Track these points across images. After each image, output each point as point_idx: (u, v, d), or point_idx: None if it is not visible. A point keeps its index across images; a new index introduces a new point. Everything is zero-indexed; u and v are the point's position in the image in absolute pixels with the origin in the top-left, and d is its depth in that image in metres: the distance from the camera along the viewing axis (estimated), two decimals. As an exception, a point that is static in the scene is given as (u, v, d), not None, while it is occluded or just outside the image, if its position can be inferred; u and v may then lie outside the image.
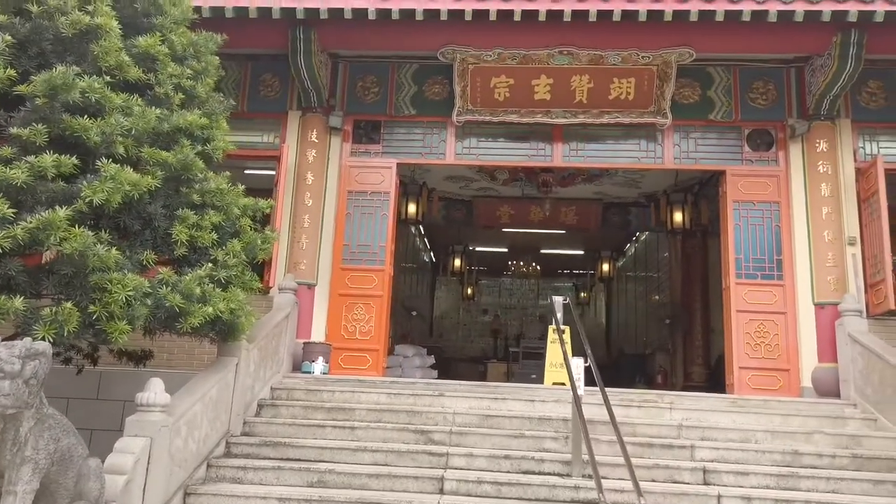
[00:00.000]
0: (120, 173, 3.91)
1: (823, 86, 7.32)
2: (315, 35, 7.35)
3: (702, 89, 7.98)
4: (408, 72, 8.21)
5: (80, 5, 4.12)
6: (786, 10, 6.56)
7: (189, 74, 5.01)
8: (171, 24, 5.02)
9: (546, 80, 7.83)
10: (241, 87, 8.25)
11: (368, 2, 6.80)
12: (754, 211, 7.70)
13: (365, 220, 7.98)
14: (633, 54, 7.54)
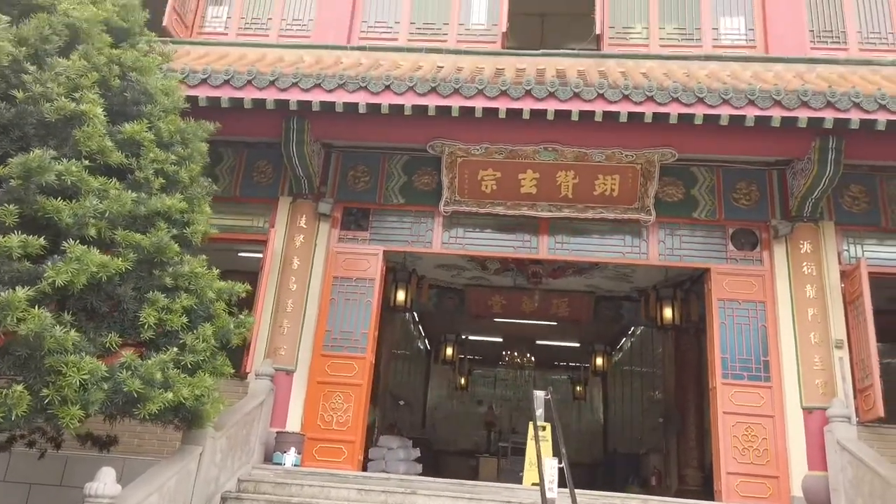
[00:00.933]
0: (86, 255, 3.93)
1: (805, 189, 7.43)
2: (308, 126, 7.58)
3: (686, 188, 8.11)
4: (398, 162, 8.41)
5: (67, 93, 4.27)
6: (763, 116, 6.75)
7: (173, 160, 5.13)
8: (160, 112, 5.19)
9: (532, 175, 7.99)
10: (236, 172, 8.44)
11: (359, 96, 7.04)
12: (740, 310, 7.65)
13: (349, 307, 7.95)
14: (616, 153, 7.71)
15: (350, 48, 8.78)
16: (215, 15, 9.59)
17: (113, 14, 5.12)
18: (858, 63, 8.24)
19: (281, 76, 7.04)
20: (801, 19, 8.89)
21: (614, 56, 8.51)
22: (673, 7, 9.21)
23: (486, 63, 8.26)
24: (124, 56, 4.98)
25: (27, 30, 4.29)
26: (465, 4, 9.42)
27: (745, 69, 8.09)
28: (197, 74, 6.98)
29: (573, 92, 6.93)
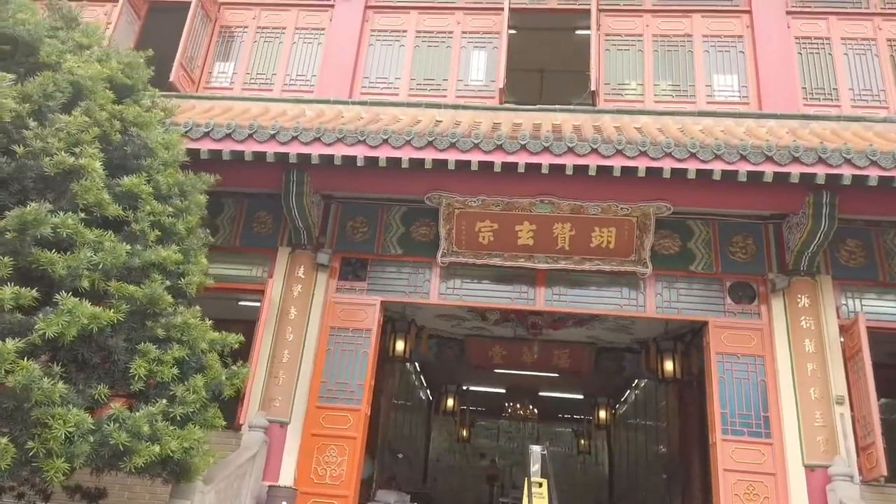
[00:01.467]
0: (78, 306, 3.98)
1: (800, 243, 7.45)
2: (308, 178, 7.71)
3: (682, 241, 8.15)
4: (396, 213, 8.51)
5: (67, 147, 4.39)
6: (755, 171, 6.82)
7: (170, 212, 5.22)
8: (159, 165, 5.31)
9: (529, 227, 8.05)
10: (237, 222, 8.55)
11: (358, 150, 7.18)
12: (739, 364, 7.58)
13: (345, 358, 7.93)
14: (612, 205, 7.78)
15: (351, 103, 9.00)
16: (221, 70, 9.87)
17: (117, 71, 5.30)
18: (851, 119, 8.37)
19: (281, 130, 7.21)
20: (793, 77, 9.07)
21: (610, 111, 8.68)
22: (667, 65, 9.43)
23: (483, 118, 8.44)
24: (126, 111, 5.13)
25: (31, 87, 4.45)
26: (465, 62, 9.68)
27: (739, 125, 8.23)
28: (200, 128, 7.15)
29: (567, 146, 7.04)
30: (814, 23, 9.55)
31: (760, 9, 9.54)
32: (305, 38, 10.01)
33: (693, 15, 9.69)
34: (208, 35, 9.91)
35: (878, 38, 9.36)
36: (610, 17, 9.76)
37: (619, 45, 9.64)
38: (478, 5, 10.03)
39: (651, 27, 9.66)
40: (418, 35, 9.90)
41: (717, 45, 9.52)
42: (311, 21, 10.10)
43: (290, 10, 10.19)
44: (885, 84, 9.07)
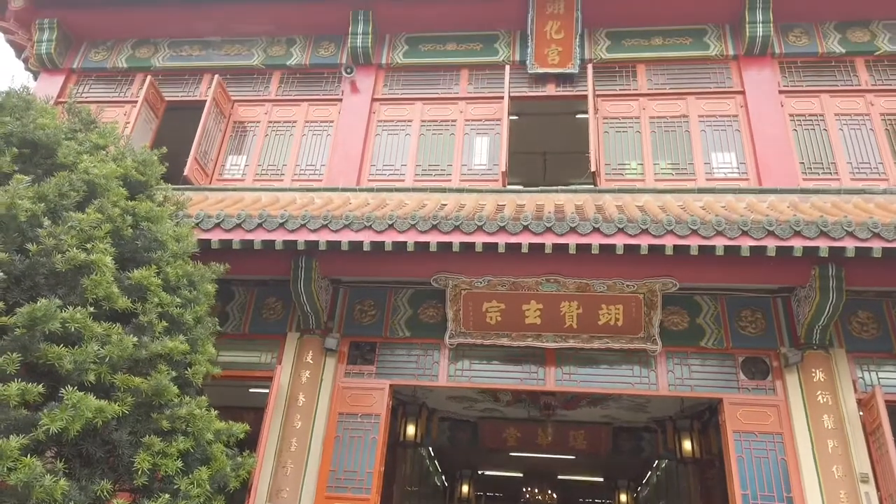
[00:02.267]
0: (83, 401, 4.01)
1: (810, 316, 7.40)
2: (316, 264, 7.85)
3: (690, 317, 8.11)
4: (404, 296, 8.58)
5: (79, 244, 4.55)
6: (758, 246, 6.87)
7: (178, 303, 5.32)
8: (169, 257, 5.46)
9: (536, 306, 8.07)
10: (246, 309, 8.65)
11: (364, 235, 7.34)
12: (757, 442, 7.38)
13: (354, 444, 7.81)
14: (618, 283, 7.81)
15: (359, 189, 9.27)
16: (234, 163, 10.24)
17: (131, 169, 5.54)
18: (851, 192, 8.46)
19: (290, 218, 7.41)
20: (790, 153, 9.25)
21: (611, 191, 8.85)
22: (665, 144, 9.67)
23: (487, 200, 8.63)
24: (139, 207, 5.33)
25: (47, 187, 4.66)
26: (468, 148, 9.98)
27: (740, 200, 8.34)
28: (211, 219, 7.37)
29: (570, 226, 7.16)
30: (807, 100, 9.81)
31: (753, 89, 9.85)
32: (315, 130, 10.41)
33: (687, 97, 10.01)
34: (222, 130, 10.34)
35: (871, 113, 9.58)
36: (607, 102, 10.11)
37: (617, 127, 9.92)
38: (479, 95, 10.44)
39: (647, 109, 9.98)
40: (423, 124, 10.28)
41: (713, 124, 9.78)
42: (321, 114, 10.54)
43: (301, 105, 10.65)
44: (883, 157, 9.21)
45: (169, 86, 10.99)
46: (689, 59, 10.34)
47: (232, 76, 10.93)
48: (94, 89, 11.20)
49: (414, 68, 10.79)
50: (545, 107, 10.93)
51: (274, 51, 11.08)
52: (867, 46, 10.00)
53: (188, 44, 11.30)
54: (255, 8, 10.82)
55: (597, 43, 10.58)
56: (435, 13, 10.65)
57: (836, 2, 9.98)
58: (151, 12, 11.02)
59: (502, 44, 10.74)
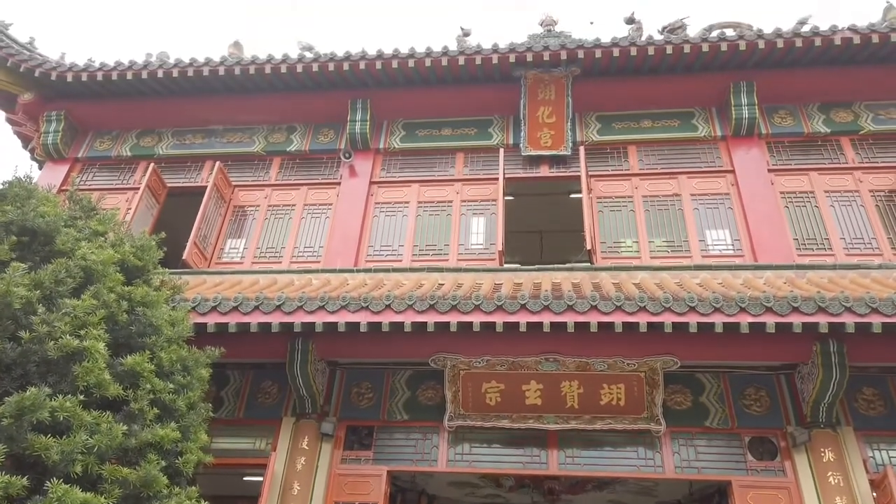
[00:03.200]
0: (68, 494, 3.88)
1: (815, 393, 7.28)
2: (312, 346, 7.78)
3: (693, 395, 7.97)
4: (402, 377, 8.46)
5: (72, 330, 4.52)
6: (756, 322, 6.84)
7: (171, 389, 5.24)
8: (164, 342, 5.42)
9: (536, 386, 7.95)
10: (241, 394, 8.51)
11: (361, 316, 7.31)
12: (770, 528, 7.09)
13: (350, 536, 7.50)
14: (618, 361, 7.72)
15: (357, 271, 9.32)
16: (233, 246, 10.34)
17: (129, 255, 5.59)
18: (847, 268, 8.52)
19: (287, 300, 7.40)
20: (783, 229, 9.36)
21: (607, 268, 8.90)
22: (659, 222, 9.80)
23: (485, 279, 8.66)
24: (134, 292, 5.33)
25: (44, 274, 4.69)
26: (465, 228, 10.12)
27: (736, 277, 8.38)
28: (208, 302, 7.36)
29: (567, 304, 7.15)
30: (796, 178, 10.03)
31: (743, 168, 10.08)
32: (314, 213, 10.58)
33: (679, 176, 10.23)
34: (222, 215, 10.50)
35: (860, 190, 9.76)
36: (600, 181, 10.32)
37: (611, 206, 10.09)
38: (475, 176, 10.67)
39: (640, 189, 10.17)
40: (420, 205, 10.45)
41: (705, 202, 9.95)
42: (320, 197, 10.74)
43: (300, 189, 10.87)
44: (875, 232, 9.32)
45: (171, 172, 11.24)
46: (679, 141, 10.64)
47: (233, 162, 11.20)
48: (97, 177, 11.45)
49: (411, 152, 11.08)
50: (540, 187, 11.15)
51: (275, 138, 11.41)
52: (851, 126, 10.31)
53: (191, 132, 11.64)
54: (258, 99, 11.22)
55: (588, 126, 10.91)
56: (430, 101, 11.04)
57: (818, 85, 10.36)
58: (157, 104, 11.42)
59: (496, 128, 11.07)
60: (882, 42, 9.66)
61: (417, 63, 10.48)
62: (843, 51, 9.86)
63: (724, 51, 9.95)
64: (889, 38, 9.64)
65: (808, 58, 10.09)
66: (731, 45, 9.91)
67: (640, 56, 10.12)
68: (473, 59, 10.37)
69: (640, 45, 10.05)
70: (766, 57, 10.09)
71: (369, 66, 10.57)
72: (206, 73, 10.73)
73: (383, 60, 10.52)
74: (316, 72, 10.65)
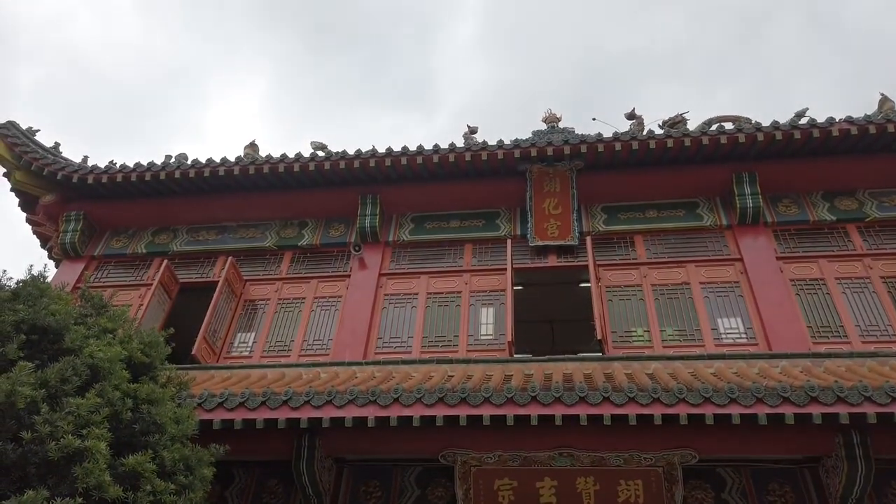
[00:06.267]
0: None
1: (841, 488, 6.95)
2: (319, 442, 7.60)
3: (715, 492, 7.65)
4: (411, 475, 8.20)
5: (75, 429, 4.47)
6: (775, 414, 6.64)
7: (173, 490, 5.10)
8: (167, 440, 5.33)
9: (550, 483, 7.65)
10: (246, 494, 8.25)
11: (369, 410, 7.17)
12: None
13: None
14: (634, 455, 7.45)
15: (365, 363, 9.24)
16: (242, 340, 10.35)
17: (137, 351, 5.60)
18: (864, 356, 8.34)
19: (294, 395, 7.30)
20: (796, 317, 9.26)
21: (619, 358, 8.77)
22: (670, 311, 9.73)
23: (494, 371, 8.54)
24: (140, 389, 5.30)
25: (50, 373, 4.69)
26: (474, 318, 10.09)
27: (751, 366, 8.20)
28: (215, 398, 7.27)
29: (579, 396, 6.99)
30: (805, 266, 10.01)
31: (750, 256, 10.09)
32: (323, 305, 10.63)
33: (687, 265, 10.25)
34: (232, 309, 10.57)
35: (871, 276, 9.71)
36: (608, 271, 10.35)
37: (620, 294, 10.07)
38: (484, 267, 10.76)
39: (649, 277, 10.18)
40: (429, 296, 10.48)
41: (715, 290, 9.91)
42: (330, 290, 10.82)
43: (310, 282, 10.98)
44: (890, 319, 9.18)
45: (184, 268, 11.42)
46: (685, 230, 10.73)
47: (245, 257, 11.38)
48: (112, 274, 11.65)
49: (419, 244, 11.24)
50: (549, 277, 11.18)
51: (286, 233, 11.64)
52: (856, 213, 10.39)
53: (205, 228, 11.91)
54: (271, 196, 11.55)
55: (594, 216, 11.07)
56: (438, 195, 11.30)
57: (820, 174, 10.53)
58: (173, 203, 11.76)
59: (503, 220, 11.25)
60: (879, 133, 9.89)
61: (426, 159, 10.81)
62: (841, 141, 10.08)
63: (724, 143, 10.20)
64: (886, 129, 9.88)
65: (807, 148, 10.32)
66: (730, 137, 10.18)
67: (642, 149, 10.39)
68: (480, 154, 10.70)
69: (641, 140, 10.35)
70: (766, 148, 10.32)
71: (379, 164, 10.91)
72: (222, 172, 11.10)
73: (392, 158, 10.87)
74: (327, 170, 11.00)
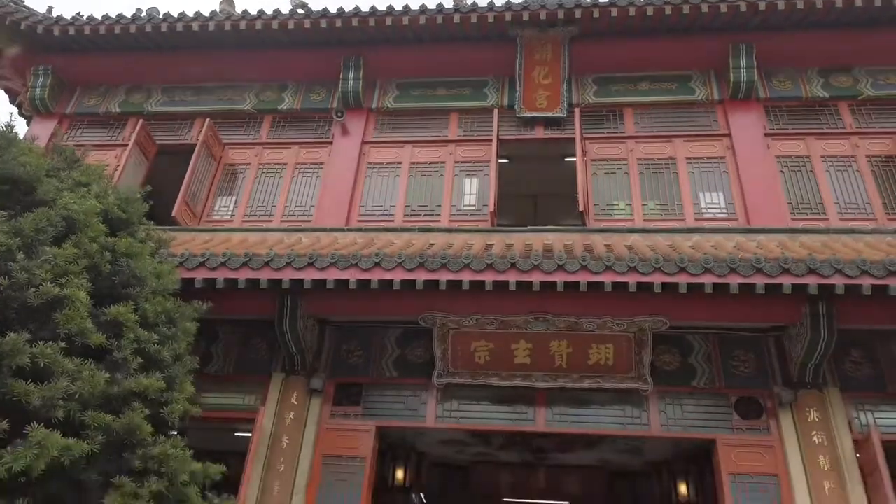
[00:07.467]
0: (49, 438, 3.89)
1: (802, 355, 7.30)
2: (301, 303, 7.77)
3: (682, 356, 8.01)
4: (391, 336, 8.47)
5: (53, 278, 4.48)
6: (746, 283, 6.82)
7: (156, 340, 5.22)
8: (148, 293, 5.39)
9: (525, 345, 7.97)
10: (231, 350, 8.52)
11: (350, 273, 7.28)
12: (752, 484, 7.18)
13: (338, 488, 7.58)
14: (608, 321, 7.72)
15: (347, 230, 9.26)
16: (223, 204, 10.26)
17: (113, 206, 5.52)
18: (840, 232, 8.48)
19: (275, 257, 7.36)
20: (778, 193, 9.30)
21: (600, 230, 8.86)
22: (654, 185, 9.72)
23: (476, 240, 8.62)
24: (118, 243, 5.28)
25: (24, 222, 4.63)
26: (457, 189, 10.03)
27: (729, 240, 8.34)
28: (196, 258, 7.32)
29: (557, 264, 7.11)
30: (793, 143, 9.92)
31: (739, 132, 9.96)
32: (305, 172, 10.48)
33: (675, 139, 10.12)
34: (212, 173, 10.39)
35: (857, 155, 9.67)
36: (595, 144, 10.21)
37: (605, 168, 10.00)
38: (469, 138, 10.55)
39: (635, 151, 10.07)
40: (413, 166, 10.35)
41: (700, 165, 9.86)
42: (311, 157, 10.62)
43: (291, 148, 10.75)
44: (870, 197, 9.25)
45: (161, 130, 11.09)
46: (676, 104, 10.50)
47: (224, 120, 11.04)
48: (86, 133, 11.30)
49: (404, 112, 10.93)
50: (534, 149, 11.02)
51: (266, 96, 11.24)
52: (850, 91, 10.18)
53: (181, 89, 11.46)
54: (249, 56, 11.02)
55: (584, 88, 10.75)
56: (424, 60, 10.85)
57: (818, 49, 10.19)
58: (145, 58, 11.21)
59: (491, 89, 10.91)
60: (885, 4, 9.48)
61: (412, 20, 10.27)
62: (844, 12, 9.67)
63: (724, 12, 9.76)
64: (892, 1, 9.46)
65: (809, 20, 9.90)
66: (731, 6, 9.71)
67: (639, 16, 9.92)
68: (469, 17, 10.17)
69: (638, 6, 9.85)
70: (767, 19, 9.89)
71: (362, 24, 10.36)
72: (196, 28, 10.52)
73: (377, 17, 10.32)
74: (308, 29, 10.44)
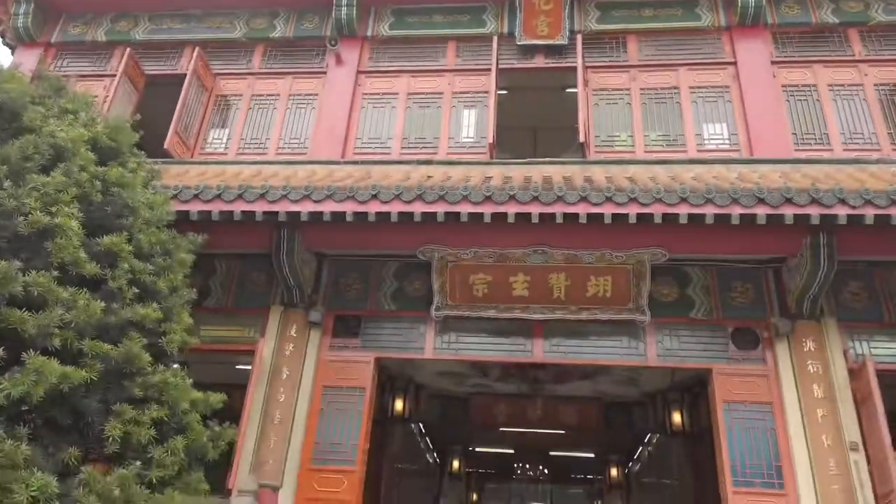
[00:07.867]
0: (46, 365, 3.88)
1: (801, 286, 7.30)
2: (298, 236, 7.70)
3: (680, 287, 8.01)
4: (389, 269, 8.44)
5: (43, 207, 4.39)
6: (748, 214, 6.75)
7: (151, 270, 5.18)
8: (142, 224, 5.30)
9: (523, 278, 7.95)
10: (229, 283, 8.50)
11: (347, 206, 7.18)
12: (746, 412, 7.31)
13: (339, 417, 7.72)
14: (606, 254, 7.67)
15: (343, 162, 9.11)
16: (216, 137, 10.05)
17: (102, 135, 5.36)
18: (844, 162, 8.34)
19: (271, 189, 7.25)
20: (782, 123, 9.10)
21: (600, 162, 8.72)
22: (656, 116, 9.50)
23: (474, 172, 8.47)
24: (109, 173, 5.16)
25: (10, 149, 4.50)
26: (455, 121, 9.80)
27: (731, 171, 8.20)
28: (189, 190, 7.20)
29: (557, 195, 7.02)
30: (800, 71, 9.65)
31: (745, 60, 9.67)
32: (299, 103, 10.21)
33: (679, 68, 9.83)
34: (204, 104, 10.13)
35: (864, 84, 9.42)
36: (597, 74, 9.93)
37: (607, 98, 9.76)
38: (467, 67, 10.25)
39: (638, 81, 9.80)
40: (410, 97, 10.09)
41: (704, 95, 9.61)
42: (305, 87, 10.34)
43: (285, 78, 10.45)
44: (876, 127, 9.06)
45: (149, 60, 10.75)
46: (681, 31, 10.16)
47: (214, 49, 10.69)
48: (72, 63, 10.96)
49: (400, 41, 10.58)
50: (535, 80, 10.73)
51: (257, 23, 10.84)
52: (861, 16, 9.83)
53: (168, 16, 11.04)
54: (238, -22, 10.58)
55: (586, 14, 10.38)
56: (421, -17, 10.43)
57: (832, -31, 9.80)
58: (131, -18, 10.77)
59: (490, 15, 10.53)
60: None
61: (407, -59, 9.81)
62: (862, -72, 9.25)
63: (734, -71, 9.32)
64: (910, -82, 9.03)
65: (822, -62, 9.48)
66: (742, -78, 9.27)
67: (645, -65, 9.48)
68: (467, -65, 9.71)
69: (644, -77, 9.40)
70: (778, -63, 9.47)
71: (356, -56, 9.91)
72: (182, -51, 10.05)
73: (371, -63, 9.85)
74: (299, -50, 9.99)
